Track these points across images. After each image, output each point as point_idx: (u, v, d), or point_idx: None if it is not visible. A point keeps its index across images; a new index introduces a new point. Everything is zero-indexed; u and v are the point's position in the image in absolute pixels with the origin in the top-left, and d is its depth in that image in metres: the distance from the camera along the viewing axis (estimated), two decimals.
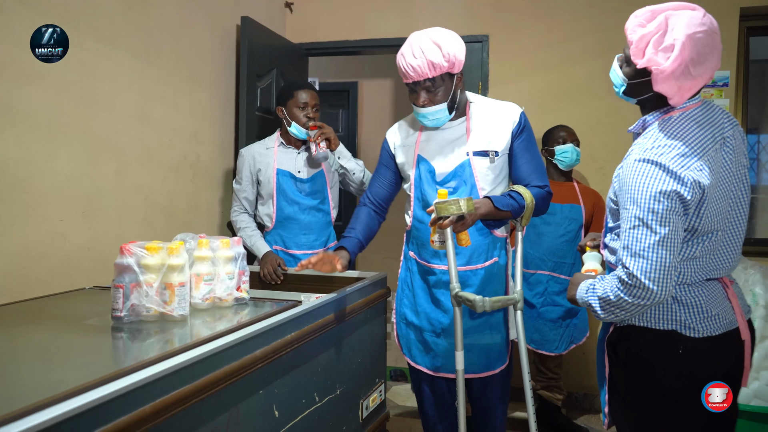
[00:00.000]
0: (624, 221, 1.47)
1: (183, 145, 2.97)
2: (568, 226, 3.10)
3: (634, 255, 1.43)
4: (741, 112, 3.50)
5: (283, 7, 3.97)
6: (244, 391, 1.50)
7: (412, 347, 2.28)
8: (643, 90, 1.53)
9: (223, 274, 1.78)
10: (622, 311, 1.49)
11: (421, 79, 2.00)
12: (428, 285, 2.22)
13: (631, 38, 1.49)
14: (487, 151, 2.12)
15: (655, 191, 1.41)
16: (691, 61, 1.41)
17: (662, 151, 1.44)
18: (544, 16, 3.63)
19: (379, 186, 2.30)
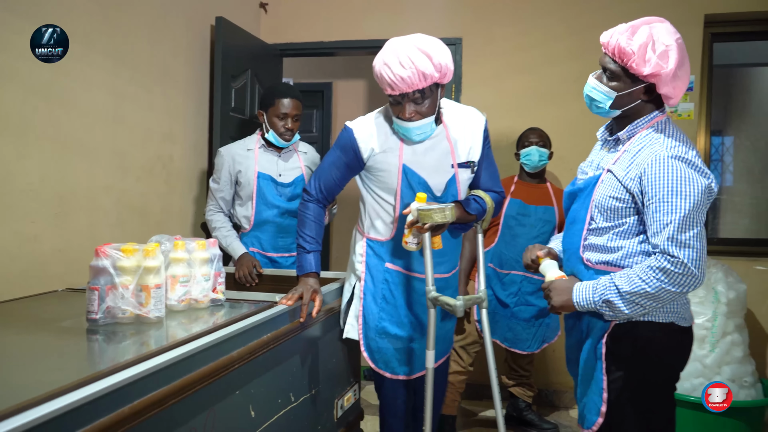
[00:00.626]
0: (663, 215, 1.55)
1: (156, 146, 2.95)
2: (542, 227, 3.16)
3: (682, 245, 1.53)
4: (705, 116, 3.61)
5: (258, 7, 3.96)
6: (221, 392, 1.51)
7: (391, 360, 2.17)
8: (634, 99, 1.67)
9: (198, 275, 1.79)
10: (656, 302, 1.58)
11: (410, 90, 1.89)
12: (417, 294, 2.16)
13: (630, 50, 1.60)
14: (468, 163, 2.13)
15: (701, 187, 1.54)
16: (680, 63, 1.60)
17: (686, 150, 1.59)
18: (517, 19, 3.69)
19: (334, 181, 2.12)
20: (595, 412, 1.74)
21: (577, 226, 1.80)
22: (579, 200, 1.82)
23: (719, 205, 4.19)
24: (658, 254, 1.56)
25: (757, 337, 3.47)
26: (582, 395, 1.83)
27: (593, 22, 3.59)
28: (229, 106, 3.38)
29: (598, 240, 1.72)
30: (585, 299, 1.66)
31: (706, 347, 3.07)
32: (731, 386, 3.02)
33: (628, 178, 1.64)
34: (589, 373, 1.77)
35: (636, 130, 1.69)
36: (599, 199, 1.71)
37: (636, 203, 1.64)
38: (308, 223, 2.10)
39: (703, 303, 3.12)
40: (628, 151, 1.68)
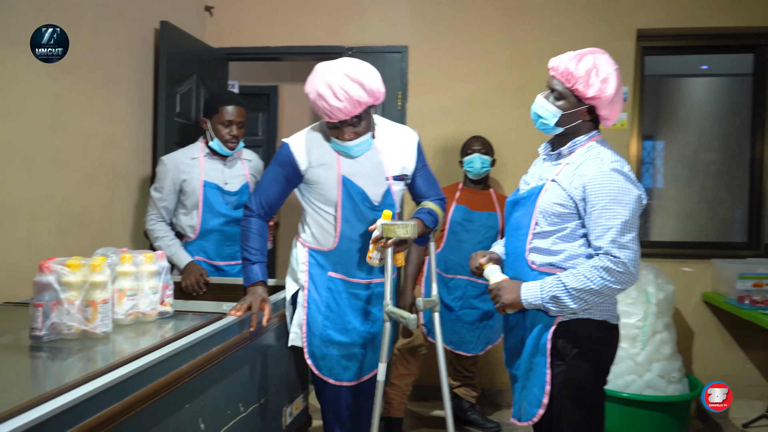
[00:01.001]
0: (606, 220, 1.74)
1: (98, 152, 2.89)
2: (486, 233, 3.26)
3: (622, 247, 1.72)
4: (637, 124, 3.80)
5: (203, 10, 3.92)
6: (170, 406, 1.52)
7: (335, 367, 2.24)
8: (576, 118, 1.87)
9: (146, 288, 1.78)
10: (598, 297, 1.76)
11: (347, 118, 1.99)
12: (359, 300, 2.24)
13: (577, 74, 1.80)
14: (402, 176, 2.24)
15: (634, 195, 1.76)
16: (617, 89, 1.82)
17: (622, 165, 1.81)
18: (460, 29, 3.79)
19: (274, 196, 2.18)
20: (536, 404, 1.86)
21: (521, 231, 1.93)
22: (522, 208, 1.95)
23: (650, 209, 4.41)
24: (601, 255, 1.74)
25: (684, 335, 3.69)
26: (522, 389, 1.94)
27: (530, 35, 3.73)
28: (174, 111, 3.34)
29: (542, 243, 1.87)
30: (533, 296, 1.81)
31: (637, 346, 3.24)
32: (660, 382, 3.21)
33: (573, 187, 1.82)
34: (531, 367, 1.90)
35: (576, 147, 1.89)
36: (544, 206, 1.86)
37: (578, 209, 1.82)
38: (252, 237, 2.14)
39: (635, 304, 3.29)
40: (570, 164, 1.87)
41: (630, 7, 3.65)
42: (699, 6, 3.63)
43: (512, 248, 1.98)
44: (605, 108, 1.83)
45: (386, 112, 3.84)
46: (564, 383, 1.84)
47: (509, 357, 2.05)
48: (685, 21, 3.65)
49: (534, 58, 3.69)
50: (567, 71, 1.82)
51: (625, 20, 3.65)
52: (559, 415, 1.85)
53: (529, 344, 1.90)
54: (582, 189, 1.79)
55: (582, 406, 1.86)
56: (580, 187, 1.80)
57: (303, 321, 2.23)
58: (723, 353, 3.70)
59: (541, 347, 1.86)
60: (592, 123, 1.91)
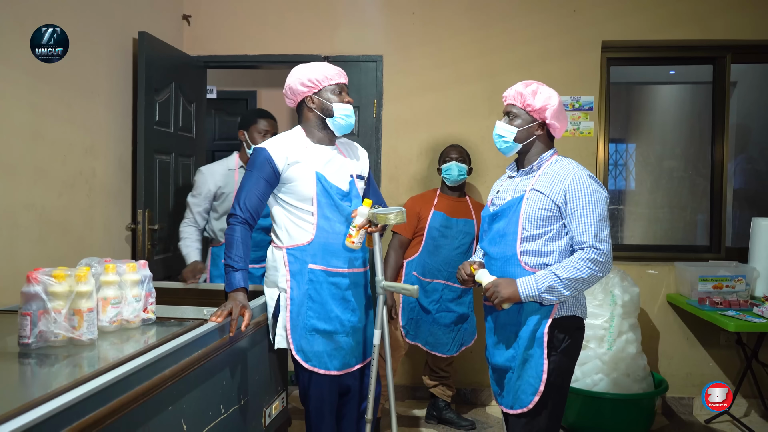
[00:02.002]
0: (587, 218, 2.04)
1: (78, 161, 2.94)
2: (463, 239, 3.38)
3: (602, 241, 2.04)
4: (604, 131, 3.95)
5: (181, 19, 3.97)
6: (154, 409, 1.59)
7: (322, 356, 2.34)
8: (531, 132, 2.20)
9: (130, 296, 1.85)
10: (586, 285, 2.06)
11: (345, 81, 2.44)
12: (339, 289, 2.37)
13: (525, 93, 2.19)
14: (361, 176, 2.52)
15: (604, 197, 2.10)
16: (560, 105, 2.21)
17: (588, 171, 2.13)
18: (433, 40, 3.90)
19: (258, 200, 2.30)
20: (532, 393, 2.09)
21: (508, 238, 2.17)
22: (505, 218, 2.20)
23: (617, 214, 4.57)
24: (587, 248, 2.04)
25: (649, 335, 3.84)
26: (516, 379, 2.14)
27: (500, 46, 3.86)
28: (154, 120, 3.39)
29: (532, 246, 2.13)
30: (530, 288, 2.06)
31: (604, 346, 3.38)
32: (626, 380, 3.35)
33: (554, 192, 2.11)
34: (526, 359, 2.12)
35: (543, 161, 2.22)
36: (528, 212, 2.13)
37: (560, 212, 2.10)
38: (236, 245, 2.23)
39: (602, 305, 3.43)
40: (544, 175, 2.17)
41: (595, 20, 3.80)
42: (661, 20, 3.79)
43: (500, 254, 2.20)
44: (553, 118, 2.17)
45: (362, 119, 3.94)
46: (555, 372, 2.09)
47: (498, 350, 2.24)
48: (648, 33, 3.81)
49: (504, 68, 3.82)
50: (517, 92, 2.20)
51: (590, 32, 3.80)
52: (545, 403, 2.09)
53: (525, 337, 2.12)
54: (563, 194, 2.08)
55: (562, 395, 2.15)
56: (561, 192, 2.09)
57: (287, 320, 2.33)
58: (686, 352, 3.86)
59: (538, 340, 2.10)
60: (546, 141, 2.23)
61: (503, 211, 2.21)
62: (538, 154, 2.22)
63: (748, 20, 3.77)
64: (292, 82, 2.38)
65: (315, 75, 2.34)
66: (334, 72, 2.37)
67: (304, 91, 2.36)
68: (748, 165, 5.15)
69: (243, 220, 2.26)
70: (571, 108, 3.82)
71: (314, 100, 2.37)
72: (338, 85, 2.37)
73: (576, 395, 3.36)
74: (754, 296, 3.58)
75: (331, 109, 2.35)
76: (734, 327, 3.06)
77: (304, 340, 2.34)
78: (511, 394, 2.16)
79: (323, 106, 2.36)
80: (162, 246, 3.53)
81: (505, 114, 2.25)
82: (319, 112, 2.38)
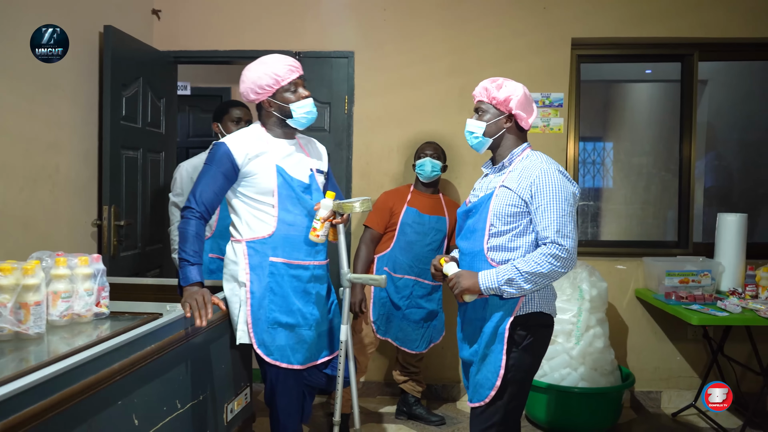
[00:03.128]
0: (551, 213, 2.03)
1: (41, 156, 2.91)
2: (435, 236, 3.39)
3: (565, 236, 2.02)
4: (574, 128, 3.97)
5: (150, 14, 3.94)
6: (101, 403, 1.57)
7: (285, 349, 2.33)
8: (500, 126, 2.21)
9: (81, 290, 1.83)
10: (547, 280, 2.04)
11: (301, 72, 2.38)
12: (300, 281, 2.36)
13: (491, 87, 2.21)
14: (321, 171, 2.52)
15: (571, 191, 2.09)
16: (526, 94, 2.21)
17: (557, 166, 2.12)
18: (404, 37, 3.90)
19: (214, 194, 2.28)
20: (489, 387, 2.10)
21: (477, 234, 2.20)
22: (476, 215, 2.22)
23: (588, 210, 4.61)
24: (548, 243, 2.03)
25: (618, 330, 3.88)
26: (476, 373, 2.17)
27: (471, 43, 3.87)
28: (120, 115, 3.36)
29: (499, 241, 2.14)
30: (490, 281, 2.07)
31: (572, 340, 3.41)
32: (593, 374, 3.38)
33: (521, 188, 2.11)
34: (486, 354, 2.13)
35: (514, 157, 2.22)
36: (497, 208, 2.14)
37: (528, 207, 2.10)
38: (191, 239, 2.21)
39: (570, 300, 3.45)
40: (514, 171, 2.18)
41: (565, 18, 3.82)
42: (630, 17, 3.82)
43: (469, 249, 2.23)
44: (519, 108, 2.17)
45: (333, 115, 3.93)
46: (513, 368, 2.09)
47: (465, 345, 2.27)
48: (618, 31, 3.84)
49: (476, 65, 3.83)
50: (483, 88, 2.23)
51: (560, 29, 3.82)
52: (501, 397, 2.10)
53: (487, 333, 2.13)
54: (529, 189, 2.08)
55: (520, 390, 2.13)
56: (527, 187, 2.09)
57: (248, 315, 2.32)
58: (654, 346, 3.90)
59: (499, 335, 2.11)
60: (518, 134, 2.24)
61: (475, 207, 2.24)
62: (509, 149, 2.23)
63: (716, 18, 3.81)
64: (245, 90, 2.36)
65: (265, 81, 2.29)
66: (285, 70, 2.30)
67: (257, 97, 2.35)
68: (719, 162, 5.22)
69: (199, 214, 2.25)
70: (542, 105, 3.84)
71: (271, 103, 2.35)
72: (291, 83, 2.32)
73: (544, 389, 3.38)
74: (719, 291, 3.62)
75: (289, 110, 2.34)
76: (697, 320, 3.10)
77: (266, 334, 2.33)
78: (472, 387, 2.19)
79: (281, 109, 2.35)
80: (130, 242, 3.50)
81: (475, 111, 2.28)
82: (279, 114, 2.37)
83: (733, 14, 3.80)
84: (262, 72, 2.30)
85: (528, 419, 3.63)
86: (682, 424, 3.66)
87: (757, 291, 3.46)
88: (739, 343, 3.64)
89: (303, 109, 2.34)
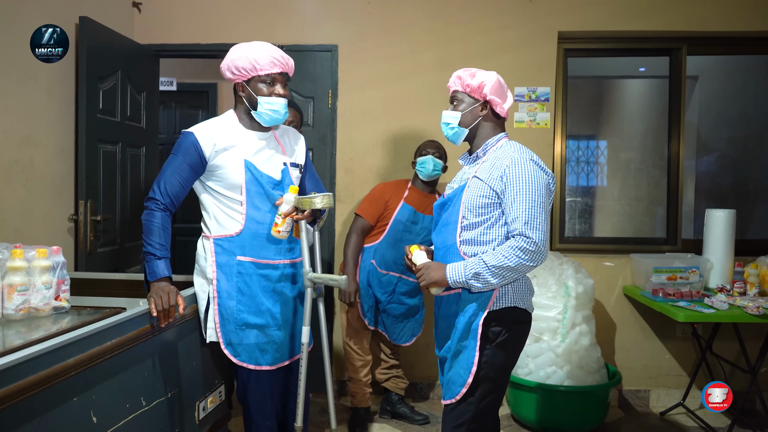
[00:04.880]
0: (520, 204, 1.95)
1: (14, 149, 2.84)
2: (426, 236, 3.31)
3: (534, 228, 1.93)
4: (561, 123, 3.92)
5: (131, 6, 3.88)
6: (54, 400, 1.52)
7: (253, 351, 2.27)
8: (476, 115, 2.15)
9: (39, 283, 1.77)
10: (515, 274, 1.96)
11: (285, 70, 2.26)
12: (269, 281, 2.29)
13: (465, 75, 2.16)
14: (296, 164, 2.42)
15: (544, 181, 2.00)
16: (498, 81, 2.14)
17: (532, 154, 2.05)
18: (389, 30, 3.84)
19: (180, 186, 2.20)
20: (460, 384, 2.04)
21: (450, 227, 2.13)
22: (449, 207, 2.17)
23: (576, 207, 4.56)
24: (516, 236, 1.95)
25: (606, 327, 3.83)
26: (449, 370, 2.11)
27: (456, 36, 3.82)
28: (97, 108, 3.30)
29: (471, 234, 2.07)
30: (457, 274, 2.00)
31: (557, 338, 3.35)
32: (579, 372, 3.33)
33: (492, 178, 2.03)
34: (459, 350, 2.07)
35: (488, 148, 2.16)
36: (468, 200, 2.07)
37: (499, 198, 2.02)
38: (156, 231, 2.14)
39: (555, 297, 3.40)
40: (487, 161, 2.11)
41: (552, 11, 3.77)
42: (618, 10, 3.77)
43: (442, 242, 2.17)
44: (493, 93, 2.11)
45: (317, 110, 3.88)
46: (487, 365, 2.02)
47: (439, 341, 2.22)
48: (606, 24, 3.78)
49: (460, 59, 3.78)
50: (457, 77, 2.19)
51: (547, 23, 3.76)
52: (472, 394, 2.03)
53: (460, 328, 2.07)
54: (500, 179, 2.01)
55: (494, 388, 2.06)
56: (498, 177, 2.01)
57: (215, 313, 2.25)
58: (643, 344, 3.85)
59: (472, 332, 2.04)
60: (494, 123, 2.18)
61: (449, 200, 2.18)
62: (484, 139, 2.17)
63: (704, 12, 3.75)
64: (223, 66, 2.25)
65: (243, 63, 2.18)
66: (267, 61, 2.18)
67: (233, 77, 2.24)
68: (710, 159, 5.17)
69: (163, 206, 2.17)
70: (528, 99, 3.79)
71: (243, 88, 2.24)
72: (269, 75, 2.20)
73: (529, 388, 3.32)
74: (707, 287, 3.57)
75: (256, 101, 2.22)
76: (684, 317, 3.05)
77: (233, 335, 2.26)
78: (445, 384, 2.13)
79: (250, 98, 2.24)
80: (108, 238, 3.44)
81: (450, 102, 2.23)
82: (246, 101, 2.27)
83: (722, 7, 3.75)
84: (243, 54, 2.19)
85: (513, 418, 3.57)
86: (670, 423, 3.61)
87: (745, 288, 3.41)
88: (728, 341, 3.59)
89: (270, 106, 2.22)
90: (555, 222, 3.93)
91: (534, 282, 3.46)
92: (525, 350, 3.41)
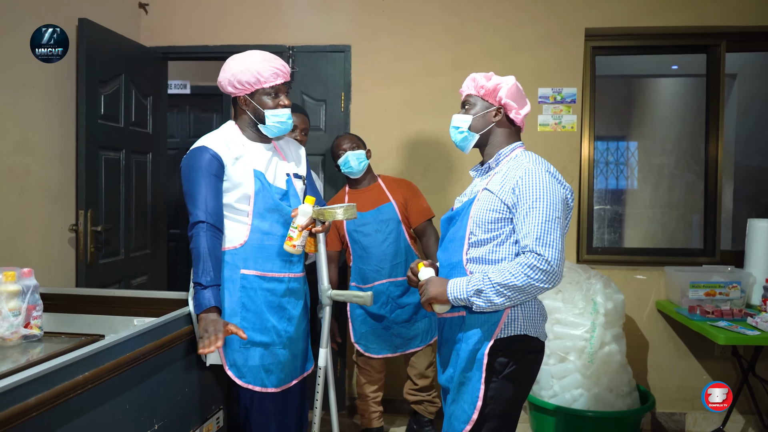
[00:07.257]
0: (532, 218, 1.74)
1: (7, 157, 2.72)
2: (386, 227, 3.05)
3: (547, 245, 1.71)
4: (589, 125, 3.67)
5: (137, 8, 3.74)
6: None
7: (258, 371, 2.15)
8: (487, 121, 1.98)
9: (5, 310, 1.62)
10: (523, 295, 1.74)
11: (288, 80, 2.20)
12: (275, 296, 2.17)
13: (480, 77, 1.99)
14: (299, 175, 2.34)
15: (560, 196, 1.80)
16: (516, 86, 1.98)
17: (548, 165, 1.86)
18: (403, 29, 3.64)
19: (217, 203, 2.10)
20: (465, 420, 1.83)
21: (456, 243, 1.94)
22: (457, 222, 1.98)
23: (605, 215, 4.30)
24: (527, 252, 1.73)
25: (637, 345, 3.57)
26: (451, 402, 1.91)
27: (474, 35, 3.60)
28: (98, 113, 3.16)
29: (478, 252, 1.87)
30: (458, 290, 1.80)
31: (584, 358, 3.11)
32: (608, 396, 3.08)
33: (503, 191, 1.84)
34: (463, 381, 1.86)
35: (501, 158, 1.96)
36: (477, 215, 1.87)
37: (511, 212, 1.83)
38: (202, 257, 2.03)
39: (583, 314, 3.15)
40: (499, 173, 1.92)
41: (577, 6, 3.52)
42: (650, 5, 3.51)
43: (447, 260, 1.98)
44: (509, 97, 1.94)
45: (329, 113, 3.69)
46: (493, 400, 1.81)
47: (442, 368, 2.01)
48: (636, 20, 3.53)
49: (478, 58, 3.56)
50: (471, 79, 2.02)
51: (571, 19, 3.52)
52: (478, 431, 1.82)
53: (464, 357, 1.86)
54: (512, 191, 1.82)
55: (502, 425, 1.85)
56: (510, 190, 1.83)
57: None
58: (678, 364, 3.58)
59: (477, 362, 1.83)
60: (509, 130, 2.00)
61: (457, 214, 2.00)
62: (497, 148, 1.98)
63: (745, 5, 3.47)
64: (223, 80, 2.18)
65: (246, 77, 2.11)
66: (270, 72, 2.11)
67: (235, 92, 2.17)
68: (750, 163, 4.85)
69: (210, 225, 2.05)
70: (552, 101, 3.55)
71: (247, 102, 2.16)
72: (273, 87, 2.14)
73: (552, 412, 3.09)
74: (750, 304, 3.29)
75: (263, 115, 2.15)
76: (724, 340, 2.78)
77: (238, 354, 2.14)
78: (446, 418, 1.92)
79: (256, 111, 2.16)
80: (111, 249, 3.30)
81: (462, 106, 2.06)
82: (252, 115, 2.18)
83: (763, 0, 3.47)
84: (245, 67, 2.12)
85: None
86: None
87: None
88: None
89: (277, 118, 2.16)
90: (582, 231, 3.68)
91: (559, 297, 3.22)
92: (550, 371, 3.18)
